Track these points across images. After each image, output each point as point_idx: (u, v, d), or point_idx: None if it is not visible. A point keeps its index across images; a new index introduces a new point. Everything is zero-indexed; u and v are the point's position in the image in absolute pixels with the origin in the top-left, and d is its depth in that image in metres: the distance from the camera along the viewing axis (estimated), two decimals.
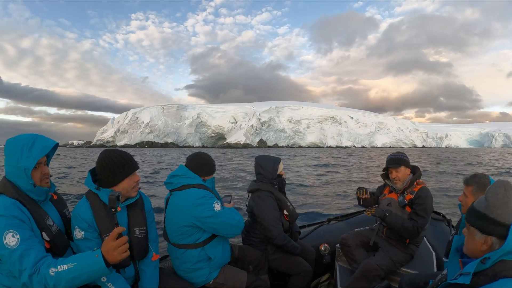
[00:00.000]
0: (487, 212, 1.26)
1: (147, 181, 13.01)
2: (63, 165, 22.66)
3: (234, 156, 37.54)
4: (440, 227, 3.20)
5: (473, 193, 2.06)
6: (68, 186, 11.49)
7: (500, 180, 1.32)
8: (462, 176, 3.23)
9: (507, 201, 1.24)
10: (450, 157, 34.79)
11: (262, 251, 2.60)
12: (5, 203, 1.49)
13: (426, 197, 2.57)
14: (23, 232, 1.44)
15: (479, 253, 1.29)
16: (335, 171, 18.40)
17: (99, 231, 1.69)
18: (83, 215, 1.68)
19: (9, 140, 1.63)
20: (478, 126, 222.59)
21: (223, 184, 12.17)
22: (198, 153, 2.31)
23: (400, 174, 2.67)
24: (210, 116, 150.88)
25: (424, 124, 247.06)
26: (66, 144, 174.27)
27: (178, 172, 2.14)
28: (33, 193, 1.60)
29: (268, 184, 2.64)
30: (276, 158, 2.76)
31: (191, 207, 1.97)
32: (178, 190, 2.08)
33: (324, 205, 7.80)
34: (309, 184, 12.07)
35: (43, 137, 1.65)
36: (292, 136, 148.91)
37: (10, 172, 1.57)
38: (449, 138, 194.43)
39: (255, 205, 2.60)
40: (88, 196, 1.74)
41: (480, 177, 2.06)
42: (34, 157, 1.56)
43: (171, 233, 2.09)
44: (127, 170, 1.75)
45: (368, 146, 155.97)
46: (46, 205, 1.70)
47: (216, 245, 2.12)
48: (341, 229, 3.34)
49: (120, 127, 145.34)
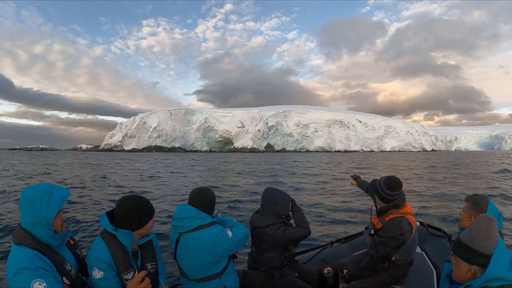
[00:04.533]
0: (470, 244, 1.38)
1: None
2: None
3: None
4: (441, 243, 3.20)
5: (468, 209, 2.24)
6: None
7: (483, 215, 1.44)
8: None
9: (489, 234, 1.35)
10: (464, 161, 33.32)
11: (266, 274, 2.67)
12: (28, 255, 1.56)
13: (388, 230, 2.52)
14: (48, 280, 1.52)
15: (464, 280, 1.42)
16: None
17: (117, 270, 1.78)
18: (101, 256, 1.76)
19: (25, 191, 1.67)
20: (488, 129, 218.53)
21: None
22: (203, 190, 2.29)
23: (375, 198, 2.75)
24: (217, 121, 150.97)
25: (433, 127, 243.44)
26: (75, 148, 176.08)
27: (187, 214, 2.14)
28: (53, 239, 1.68)
29: (279, 217, 2.68)
30: (287, 194, 2.78)
31: (211, 247, 2.06)
32: (191, 232, 2.11)
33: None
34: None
35: (58, 187, 1.74)
36: (299, 140, 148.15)
37: (28, 222, 1.62)
38: (458, 141, 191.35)
39: (278, 235, 2.57)
40: (104, 236, 1.83)
41: (478, 196, 2.23)
42: (54, 208, 1.65)
43: (191, 271, 2.15)
44: (151, 214, 1.92)
45: (376, 150, 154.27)
46: (62, 249, 1.78)
47: (229, 274, 2.25)
48: (343, 251, 3.43)
49: (128, 131, 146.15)
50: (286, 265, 2.72)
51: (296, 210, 2.85)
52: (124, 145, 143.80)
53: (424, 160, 43.17)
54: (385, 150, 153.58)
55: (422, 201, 10.33)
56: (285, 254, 2.70)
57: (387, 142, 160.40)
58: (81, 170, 23.73)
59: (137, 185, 14.75)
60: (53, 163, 34.29)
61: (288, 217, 2.80)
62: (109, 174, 20.38)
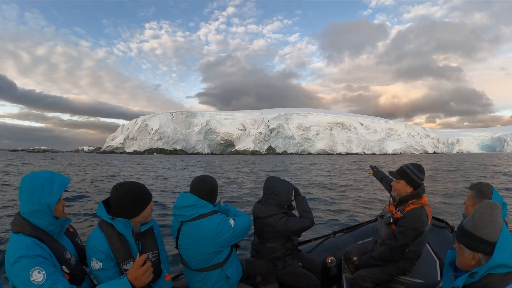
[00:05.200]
0: (473, 231, 1.36)
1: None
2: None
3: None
4: (443, 234, 3.23)
5: (472, 197, 2.24)
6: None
7: (487, 201, 1.41)
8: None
9: (493, 221, 1.33)
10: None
11: (270, 263, 2.65)
12: (27, 243, 1.53)
13: (410, 220, 2.47)
14: (48, 268, 1.50)
15: (468, 268, 1.40)
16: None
17: (116, 260, 1.74)
18: (99, 247, 1.72)
19: (25, 178, 1.65)
20: (490, 131, 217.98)
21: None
22: (204, 179, 2.22)
23: (398, 187, 2.65)
24: (219, 123, 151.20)
25: (435, 129, 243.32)
26: (77, 150, 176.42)
27: (189, 203, 2.07)
28: (54, 225, 1.67)
29: (281, 207, 2.63)
30: (290, 183, 2.70)
31: (213, 236, 2.01)
32: (192, 221, 2.06)
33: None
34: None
35: (58, 174, 1.73)
36: (301, 143, 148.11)
37: (29, 209, 1.61)
38: (460, 144, 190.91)
39: (279, 226, 2.54)
40: (102, 226, 1.78)
41: (483, 185, 2.24)
42: (56, 193, 1.65)
43: (193, 261, 2.10)
44: (147, 200, 1.85)
45: (378, 152, 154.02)
46: (61, 237, 1.76)
47: (231, 263, 2.20)
48: (346, 241, 3.44)
49: (129, 133, 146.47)
50: (289, 255, 2.68)
51: (299, 200, 2.77)
52: (126, 147, 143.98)
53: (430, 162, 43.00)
54: (387, 153, 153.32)
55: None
56: (287, 245, 2.66)
57: (388, 144, 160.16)
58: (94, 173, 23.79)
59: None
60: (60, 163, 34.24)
61: (291, 207, 2.74)
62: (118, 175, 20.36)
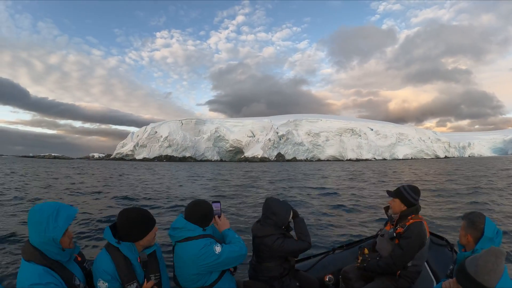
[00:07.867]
0: (475, 277, 1.43)
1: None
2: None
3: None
4: (443, 252, 3.17)
5: (464, 228, 2.25)
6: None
7: (493, 248, 1.47)
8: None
9: (495, 269, 1.40)
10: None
11: (267, 284, 2.66)
12: (39, 271, 1.62)
13: (414, 231, 2.59)
14: None
15: None
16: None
17: (120, 281, 1.87)
18: (106, 268, 1.85)
19: (32, 211, 1.71)
20: (501, 133, 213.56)
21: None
22: (197, 203, 2.32)
23: (393, 205, 2.83)
24: (228, 130, 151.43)
25: (446, 133, 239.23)
26: (87, 157, 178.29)
27: (178, 225, 2.22)
28: (61, 256, 1.74)
29: (279, 228, 2.69)
30: (288, 205, 2.77)
31: (195, 260, 2.10)
32: (181, 242, 2.19)
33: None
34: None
35: (65, 206, 1.77)
36: (310, 149, 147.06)
37: (37, 241, 1.67)
38: (472, 147, 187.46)
39: (275, 246, 2.59)
40: (108, 249, 1.92)
41: (475, 215, 2.23)
42: (61, 227, 1.68)
43: (181, 280, 2.24)
44: (151, 224, 2.00)
45: (389, 158, 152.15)
46: (70, 264, 1.85)
47: (222, 286, 2.23)
48: (345, 258, 3.37)
49: (139, 141, 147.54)
50: (286, 275, 2.69)
51: (297, 222, 2.78)
52: (135, 154, 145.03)
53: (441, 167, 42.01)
54: (398, 158, 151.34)
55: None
56: (284, 265, 2.68)
57: (399, 150, 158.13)
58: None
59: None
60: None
61: (289, 228, 2.77)
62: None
